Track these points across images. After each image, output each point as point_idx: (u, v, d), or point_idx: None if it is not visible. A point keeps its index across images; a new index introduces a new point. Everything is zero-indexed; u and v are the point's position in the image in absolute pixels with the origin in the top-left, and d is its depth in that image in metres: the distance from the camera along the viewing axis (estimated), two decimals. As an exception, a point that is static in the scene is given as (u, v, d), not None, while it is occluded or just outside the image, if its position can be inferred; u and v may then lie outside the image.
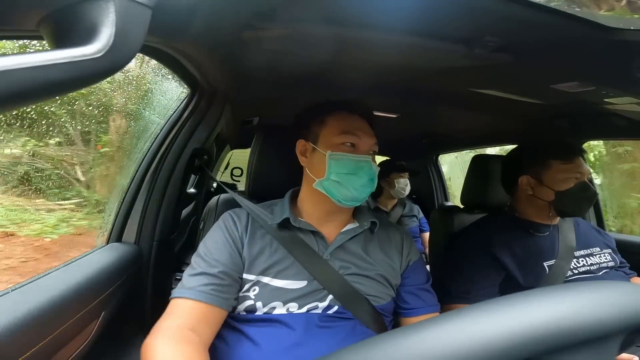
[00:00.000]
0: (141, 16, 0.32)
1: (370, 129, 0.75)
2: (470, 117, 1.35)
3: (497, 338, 0.22)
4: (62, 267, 0.69)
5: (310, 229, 0.72)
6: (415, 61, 0.76)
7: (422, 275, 0.79)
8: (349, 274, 0.70)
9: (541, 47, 0.62)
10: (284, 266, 0.68)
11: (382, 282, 0.72)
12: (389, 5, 0.52)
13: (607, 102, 0.87)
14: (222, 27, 0.60)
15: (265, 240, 0.71)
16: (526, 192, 1.03)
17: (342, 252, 0.72)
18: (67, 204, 2.21)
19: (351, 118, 0.74)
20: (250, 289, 0.66)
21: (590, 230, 1.09)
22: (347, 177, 0.69)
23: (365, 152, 0.72)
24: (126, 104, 2.12)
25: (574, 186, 0.95)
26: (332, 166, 0.70)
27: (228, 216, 0.75)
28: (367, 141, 0.73)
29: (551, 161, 0.98)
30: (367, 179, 0.70)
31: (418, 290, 0.76)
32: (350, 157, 0.70)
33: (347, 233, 0.74)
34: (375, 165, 0.73)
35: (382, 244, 0.77)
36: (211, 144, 1.14)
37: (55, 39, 0.30)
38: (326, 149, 0.72)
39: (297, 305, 0.66)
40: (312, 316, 0.65)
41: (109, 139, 2.27)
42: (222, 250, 0.68)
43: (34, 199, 2.06)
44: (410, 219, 2.15)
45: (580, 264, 0.97)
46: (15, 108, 0.26)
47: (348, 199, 0.70)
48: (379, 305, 0.71)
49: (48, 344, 0.52)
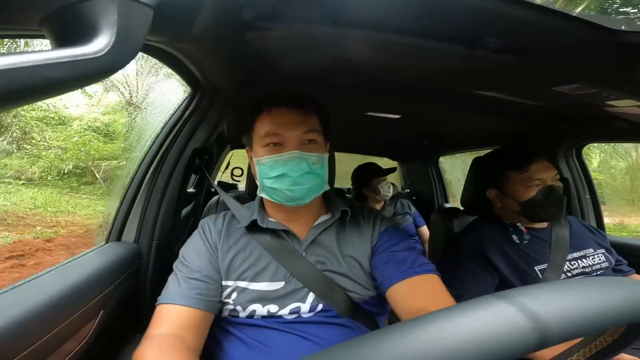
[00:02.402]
0: (143, 15, 0.32)
1: (299, 117, 0.67)
2: (471, 119, 1.35)
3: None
4: (61, 265, 0.69)
5: (281, 228, 0.71)
6: (416, 62, 0.76)
7: (393, 239, 0.71)
8: (325, 271, 0.68)
9: (543, 49, 0.62)
10: (260, 268, 0.67)
11: (358, 275, 0.69)
12: (390, 6, 0.52)
13: (609, 104, 0.87)
14: (224, 27, 0.60)
15: (240, 244, 0.70)
16: (496, 204, 1.02)
17: (316, 247, 0.70)
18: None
19: (273, 113, 0.68)
20: (230, 294, 0.66)
21: (583, 230, 1.06)
22: (278, 180, 0.66)
23: (294, 146, 0.66)
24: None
25: (536, 194, 0.93)
26: (261, 172, 0.69)
27: (205, 223, 0.75)
28: (292, 135, 0.66)
29: (507, 172, 0.97)
30: (298, 175, 0.65)
31: (390, 256, 0.69)
32: (274, 158, 0.66)
33: (318, 227, 0.72)
34: (315, 154, 0.67)
35: (353, 232, 0.74)
36: (212, 143, 1.14)
37: (57, 37, 0.30)
38: (256, 155, 0.70)
39: (277, 306, 0.65)
40: (299, 319, 0.65)
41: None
42: (202, 257, 0.68)
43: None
44: (404, 217, 2.10)
45: (573, 266, 0.95)
46: (17, 106, 0.26)
47: (288, 200, 0.67)
48: (362, 301, 0.68)
49: (46, 343, 0.52)
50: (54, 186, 6.34)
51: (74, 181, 6.62)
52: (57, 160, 6.50)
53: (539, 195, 0.93)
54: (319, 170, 0.68)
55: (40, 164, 6.41)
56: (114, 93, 7.81)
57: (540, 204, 0.93)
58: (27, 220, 5.00)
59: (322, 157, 0.69)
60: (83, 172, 6.72)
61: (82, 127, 7.18)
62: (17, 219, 4.96)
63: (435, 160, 2.51)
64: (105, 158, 6.75)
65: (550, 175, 0.95)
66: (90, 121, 7.35)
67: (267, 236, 0.70)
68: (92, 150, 6.71)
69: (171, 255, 0.81)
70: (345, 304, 0.66)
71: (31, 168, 6.33)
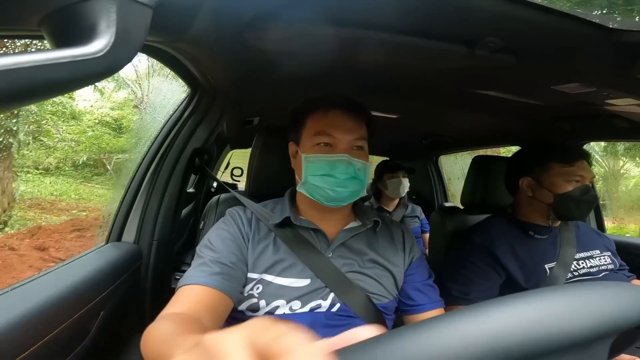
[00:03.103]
0: (142, 16, 0.32)
1: (352, 123, 0.71)
2: (471, 118, 1.35)
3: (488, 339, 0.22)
4: (61, 266, 0.69)
5: (312, 227, 0.72)
6: (416, 61, 0.76)
7: (425, 271, 0.78)
8: (351, 272, 0.70)
9: (542, 49, 0.62)
10: (287, 264, 0.68)
11: (385, 281, 0.72)
12: (390, 6, 0.52)
13: (608, 103, 0.87)
14: (223, 27, 0.60)
15: (269, 239, 0.71)
16: (526, 193, 1.03)
17: (344, 249, 0.72)
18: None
19: (330, 115, 0.71)
20: (254, 287, 0.66)
21: (590, 232, 1.08)
22: (322, 179, 0.68)
23: (343, 150, 0.69)
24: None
25: (574, 189, 0.94)
26: (307, 169, 0.69)
27: (235, 212, 0.74)
28: (344, 138, 0.69)
29: (551, 163, 0.97)
30: (344, 178, 0.67)
31: (422, 286, 0.76)
32: (324, 158, 0.68)
33: (349, 231, 0.74)
34: (361, 161, 0.70)
35: (385, 243, 0.76)
36: (212, 143, 1.14)
37: (56, 38, 0.30)
38: (304, 151, 0.71)
39: (300, 303, 0.65)
40: (317, 315, 0.65)
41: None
42: (229, 244, 0.67)
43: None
44: (412, 219, 2.16)
45: (580, 266, 0.96)
46: (17, 107, 0.26)
47: (329, 200, 0.69)
48: (381, 304, 0.70)
49: (47, 343, 0.52)
50: (69, 176, 6.85)
51: (87, 172, 7.14)
52: (72, 153, 6.94)
53: (577, 191, 0.94)
54: (362, 177, 0.70)
55: (56, 155, 6.87)
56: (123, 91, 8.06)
57: (575, 199, 0.93)
58: (57, 205, 5.63)
59: (366, 165, 0.71)
60: (95, 164, 7.22)
61: (93, 121, 7.60)
62: (48, 204, 5.57)
63: (435, 160, 2.51)
64: (115, 151, 7.19)
65: (589, 176, 0.96)
66: (100, 116, 7.75)
67: (294, 234, 0.71)
68: (104, 143, 7.15)
69: (171, 255, 0.81)
70: (364, 305, 0.68)
71: (47, 159, 6.77)
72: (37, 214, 5.09)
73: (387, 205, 2.11)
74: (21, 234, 4.21)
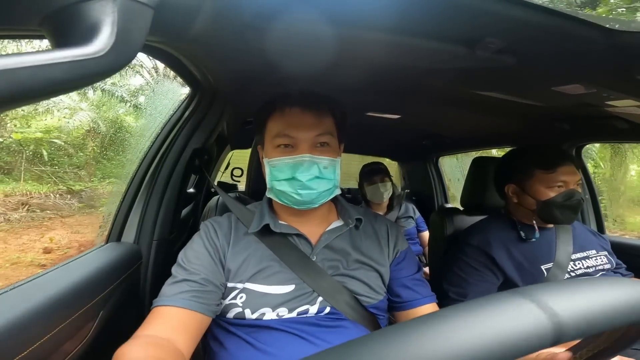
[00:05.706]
0: (143, 16, 0.32)
1: (312, 119, 0.66)
2: (471, 119, 1.35)
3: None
4: (60, 266, 0.69)
5: (293, 232, 0.70)
6: (416, 62, 0.76)
7: (412, 265, 0.76)
8: (337, 275, 0.68)
9: (543, 50, 0.62)
10: (271, 271, 0.67)
11: (372, 281, 0.70)
12: (390, 6, 0.52)
13: (608, 104, 0.87)
14: (224, 28, 0.60)
15: (251, 247, 0.69)
16: (512, 199, 1.03)
17: (328, 251, 0.70)
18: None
19: (286, 114, 0.67)
20: (237, 296, 0.65)
21: (586, 232, 1.08)
22: (287, 183, 0.65)
23: (305, 149, 0.65)
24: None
25: (556, 195, 0.93)
26: (270, 174, 0.67)
27: (209, 225, 0.73)
28: (304, 137, 0.65)
29: (533, 170, 0.97)
30: (308, 179, 0.64)
31: (410, 282, 0.73)
32: (284, 161, 0.65)
33: (332, 232, 0.72)
34: (326, 158, 0.66)
35: (368, 241, 0.74)
36: (212, 144, 1.14)
37: (57, 38, 0.30)
38: (267, 155, 0.69)
39: (287, 309, 0.64)
40: (305, 320, 0.65)
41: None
42: (202, 260, 0.66)
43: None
44: (407, 220, 2.10)
45: (577, 267, 0.96)
46: (17, 107, 0.26)
47: (297, 204, 0.67)
48: (371, 305, 0.69)
49: (45, 344, 0.52)
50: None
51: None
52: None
53: (559, 197, 0.93)
54: (329, 175, 0.67)
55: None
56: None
57: (558, 205, 0.93)
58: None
59: (334, 161, 0.67)
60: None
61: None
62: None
63: (435, 160, 2.51)
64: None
65: (574, 179, 0.95)
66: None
67: (277, 239, 0.69)
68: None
69: (171, 256, 0.81)
70: (353, 307, 0.67)
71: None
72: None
73: (376, 209, 2.02)
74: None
